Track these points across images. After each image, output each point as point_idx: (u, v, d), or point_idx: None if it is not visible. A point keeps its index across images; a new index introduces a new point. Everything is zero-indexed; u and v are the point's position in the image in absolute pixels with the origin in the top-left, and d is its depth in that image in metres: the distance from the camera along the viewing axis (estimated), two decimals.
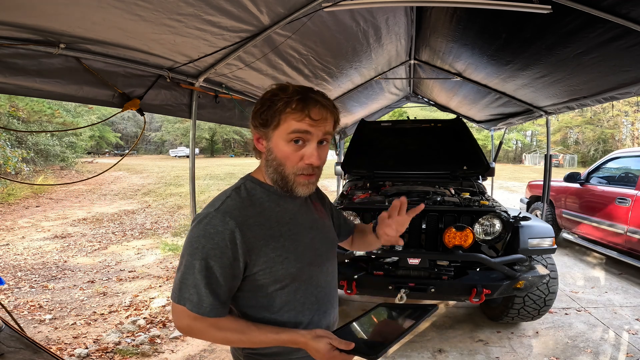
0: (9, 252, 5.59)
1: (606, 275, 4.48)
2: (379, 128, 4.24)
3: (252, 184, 0.97)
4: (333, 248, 1.08)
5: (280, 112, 0.87)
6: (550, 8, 1.83)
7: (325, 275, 1.01)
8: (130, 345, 2.88)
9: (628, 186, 4.45)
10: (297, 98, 0.87)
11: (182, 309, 0.85)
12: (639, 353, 2.74)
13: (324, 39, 2.70)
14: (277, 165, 0.91)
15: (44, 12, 1.42)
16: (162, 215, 8.65)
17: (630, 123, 26.52)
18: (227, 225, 0.84)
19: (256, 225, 0.88)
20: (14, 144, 11.37)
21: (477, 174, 3.77)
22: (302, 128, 0.87)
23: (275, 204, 0.95)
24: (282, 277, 0.90)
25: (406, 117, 5.26)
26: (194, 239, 0.85)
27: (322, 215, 1.08)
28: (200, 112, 2.66)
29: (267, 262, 0.88)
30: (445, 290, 2.55)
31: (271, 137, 0.91)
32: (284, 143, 0.89)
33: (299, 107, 0.86)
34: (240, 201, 0.91)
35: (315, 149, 0.90)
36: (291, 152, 0.89)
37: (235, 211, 0.88)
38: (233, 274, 0.86)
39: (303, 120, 0.87)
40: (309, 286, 0.95)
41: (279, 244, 0.90)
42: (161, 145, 41.60)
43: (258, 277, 0.89)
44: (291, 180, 0.92)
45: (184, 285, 0.85)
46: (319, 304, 0.97)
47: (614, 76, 2.53)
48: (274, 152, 0.91)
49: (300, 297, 0.94)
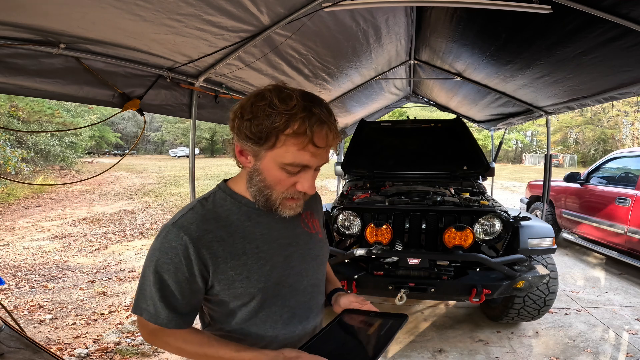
0: (9, 252, 5.59)
1: (606, 275, 4.48)
2: (379, 128, 4.24)
3: (223, 194, 0.88)
4: (317, 264, 0.97)
5: (278, 132, 0.75)
6: (550, 8, 1.83)
7: (298, 295, 0.91)
8: (130, 345, 2.88)
9: (628, 186, 4.45)
10: (301, 116, 0.74)
11: (142, 320, 0.83)
12: (639, 353, 2.74)
13: (324, 39, 2.70)
14: (263, 187, 0.83)
15: (44, 12, 1.42)
16: (162, 215, 8.65)
17: (630, 123, 26.50)
18: (180, 241, 0.79)
19: (215, 242, 0.81)
20: (14, 144, 11.38)
21: (477, 174, 3.77)
22: (303, 162, 0.77)
23: (245, 217, 0.86)
24: (241, 295, 0.84)
25: (406, 117, 5.26)
26: (151, 251, 0.82)
27: (310, 228, 0.97)
28: (200, 112, 2.66)
29: (225, 280, 0.82)
30: (445, 290, 2.55)
31: (262, 158, 0.79)
32: (277, 168, 0.79)
33: (302, 129, 0.74)
34: (202, 214, 0.83)
35: (311, 178, 0.82)
36: (284, 179, 0.80)
37: (193, 225, 0.81)
38: (191, 289, 0.81)
39: (305, 148, 0.75)
40: (273, 306, 0.88)
41: (239, 262, 0.82)
42: (161, 145, 41.60)
43: (218, 292, 0.84)
44: (277, 204, 0.84)
45: (141, 296, 0.82)
46: (284, 323, 0.90)
47: (614, 76, 2.54)
48: (263, 175, 0.81)
49: (263, 316, 0.87)
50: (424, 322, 3.27)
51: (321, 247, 1.00)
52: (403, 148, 3.97)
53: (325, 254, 1.03)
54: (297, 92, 0.77)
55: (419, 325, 3.20)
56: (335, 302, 1.00)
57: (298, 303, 0.92)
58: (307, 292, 0.94)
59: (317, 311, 0.98)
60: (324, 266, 1.02)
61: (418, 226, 2.77)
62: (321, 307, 1.00)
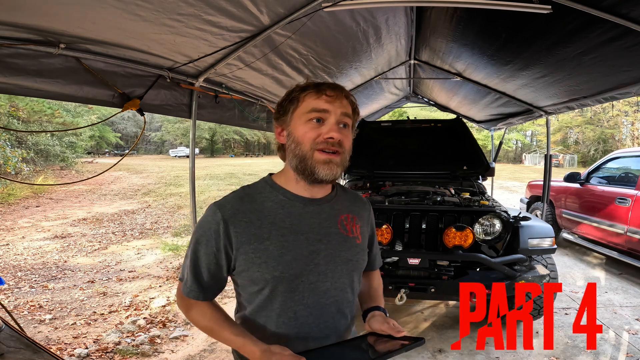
0: (9, 252, 5.59)
1: (606, 275, 4.48)
2: (379, 128, 4.24)
3: (264, 183, 0.97)
4: (348, 269, 0.94)
5: (297, 96, 0.91)
6: (550, 8, 1.83)
7: (320, 295, 0.90)
8: (130, 345, 2.88)
9: (628, 186, 4.44)
10: (314, 84, 0.92)
11: (179, 284, 0.95)
12: (639, 353, 2.74)
13: (324, 39, 2.70)
14: (295, 147, 0.90)
15: (44, 12, 1.42)
16: (162, 215, 8.65)
17: (630, 123, 26.50)
18: (215, 217, 0.88)
19: (244, 222, 0.88)
20: (14, 144, 11.37)
21: (477, 174, 3.77)
22: (320, 106, 0.89)
23: (279, 206, 0.92)
24: (257, 279, 0.88)
25: (406, 117, 5.26)
26: (197, 225, 0.93)
27: (348, 231, 0.97)
28: (200, 112, 2.66)
29: (246, 260, 0.88)
30: (445, 290, 2.55)
31: (290, 121, 0.92)
32: (302, 123, 0.90)
33: (314, 88, 0.91)
34: (240, 197, 0.93)
35: (334, 125, 0.89)
36: (309, 130, 0.89)
37: (228, 205, 0.90)
38: (217, 264, 0.89)
39: (320, 97, 0.89)
40: (289, 300, 0.88)
41: (262, 245, 0.87)
42: (161, 145, 41.60)
43: (240, 274, 0.90)
44: (309, 159, 0.88)
45: (184, 264, 0.94)
46: (298, 321, 0.89)
47: (614, 76, 2.54)
48: (293, 134, 0.91)
49: (277, 309, 0.89)
50: (424, 322, 3.26)
51: (356, 252, 0.97)
52: (403, 148, 3.97)
53: (361, 262, 0.99)
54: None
55: (419, 325, 3.19)
56: (368, 321, 0.97)
57: (317, 304, 0.90)
58: (330, 295, 0.91)
59: (338, 317, 0.94)
60: (357, 273, 0.99)
61: (418, 226, 2.77)
62: (347, 315, 0.97)
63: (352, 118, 0.94)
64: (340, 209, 0.99)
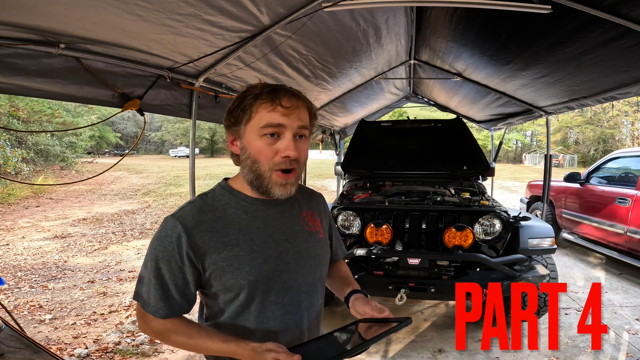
0: (9, 252, 5.59)
1: (606, 275, 4.48)
2: (379, 128, 4.25)
3: (222, 190, 0.94)
4: (315, 263, 0.97)
5: (250, 106, 0.86)
6: (550, 8, 1.83)
7: (291, 293, 0.92)
8: (131, 345, 2.88)
9: (628, 186, 4.44)
10: (267, 90, 0.86)
11: (137, 305, 0.88)
12: (639, 353, 2.74)
13: (324, 39, 2.70)
14: (251, 163, 0.87)
15: (44, 12, 1.42)
16: (162, 215, 8.65)
17: (630, 123, 26.50)
18: (175, 230, 0.84)
19: (209, 232, 0.86)
20: (14, 144, 11.38)
21: (477, 174, 3.77)
22: (275, 121, 0.84)
23: (242, 211, 0.90)
24: (232, 286, 0.86)
25: (406, 117, 5.26)
26: (152, 240, 0.88)
27: (310, 226, 0.99)
28: (200, 112, 2.66)
29: (217, 270, 0.85)
30: (445, 290, 2.55)
31: (243, 134, 0.88)
32: (256, 138, 0.86)
33: (269, 97, 0.85)
34: (200, 207, 0.89)
35: (291, 141, 0.85)
36: (265, 146, 0.85)
37: (189, 216, 0.86)
38: (183, 278, 0.85)
39: (275, 109, 0.84)
40: (265, 301, 0.89)
41: (231, 252, 0.86)
42: (161, 145, 41.58)
43: (211, 284, 0.87)
44: (267, 179, 0.87)
45: (140, 283, 0.88)
46: (276, 320, 0.91)
47: (614, 76, 2.54)
48: (248, 149, 0.87)
49: (255, 311, 0.89)
50: (424, 322, 3.27)
51: (321, 246, 1.01)
52: (403, 148, 3.97)
53: (325, 255, 1.03)
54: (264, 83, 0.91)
55: (419, 325, 3.19)
56: (352, 305, 1.00)
57: (292, 301, 0.92)
58: (302, 291, 0.94)
59: (312, 310, 0.97)
60: (324, 266, 1.02)
61: (418, 226, 2.77)
62: (318, 305, 1.00)
63: (310, 127, 0.91)
64: (300, 206, 1.00)
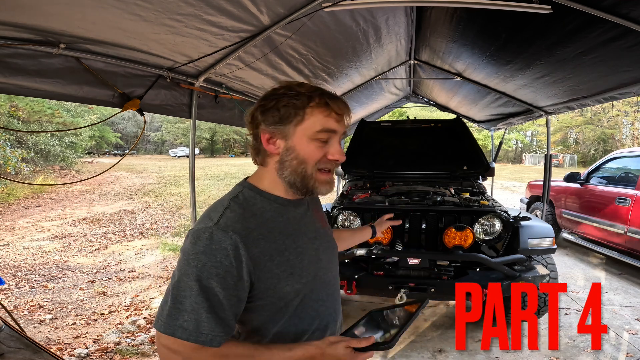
0: (9, 252, 5.59)
1: (606, 275, 4.48)
2: (379, 128, 4.24)
3: (250, 192, 0.87)
4: (335, 256, 1.02)
5: (303, 107, 0.82)
6: (550, 8, 1.83)
7: (327, 288, 0.94)
8: (130, 345, 2.88)
9: (628, 186, 4.44)
10: (320, 93, 0.84)
11: (173, 341, 0.72)
12: (639, 353, 2.74)
13: (324, 39, 2.70)
14: (297, 164, 0.84)
15: (44, 12, 1.42)
16: (162, 215, 8.65)
17: (630, 123, 26.51)
18: (230, 241, 0.75)
19: (261, 239, 0.80)
20: (14, 144, 11.37)
21: (477, 174, 3.77)
22: (331, 127, 0.84)
23: (277, 214, 0.86)
24: (287, 293, 0.83)
25: (406, 117, 5.26)
26: (191, 256, 0.75)
27: (323, 223, 1.02)
28: (200, 112, 2.66)
29: (272, 278, 0.80)
30: (445, 290, 2.55)
31: (292, 135, 0.83)
32: (308, 140, 0.83)
33: (322, 101, 0.83)
34: (241, 212, 0.81)
35: (339, 145, 0.87)
36: (315, 150, 0.84)
37: (238, 224, 0.78)
38: (238, 297, 0.77)
39: (329, 115, 0.83)
40: (310, 300, 0.88)
41: (283, 258, 0.82)
42: (161, 145, 41.57)
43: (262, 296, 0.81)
44: (312, 179, 0.85)
45: (177, 311, 0.72)
46: (320, 318, 0.91)
47: (614, 76, 2.54)
48: (296, 151, 0.83)
49: (302, 313, 0.87)
50: (424, 322, 3.26)
51: (333, 239, 1.05)
52: (403, 148, 3.97)
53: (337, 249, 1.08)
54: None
55: (419, 325, 3.19)
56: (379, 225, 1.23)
57: (327, 295, 0.94)
58: (332, 284, 0.97)
59: (339, 302, 1.01)
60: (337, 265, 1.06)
61: (418, 226, 2.77)
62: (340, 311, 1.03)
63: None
64: (311, 203, 1.01)
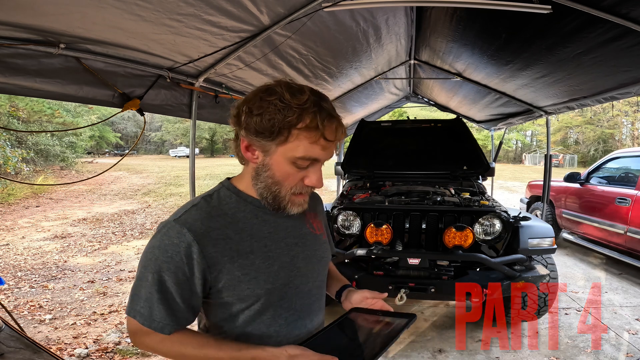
0: (9, 252, 5.59)
1: (606, 275, 4.48)
2: (379, 128, 4.25)
3: (228, 191, 0.86)
4: (322, 266, 0.95)
5: (289, 126, 0.75)
6: (550, 8, 1.83)
7: (303, 298, 0.89)
8: (130, 345, 2.88)
9: (628, 186, 4.44)
10: (313, 111, 0.75)
11: (134, 323, 0.78)
12: (639, 353, 2.74)
13: (324, 39, 2.70)
14: (271, 183, 0.81)
15: (44, 12, 1.42)
16: (162, 215, 8.65)
17: (630, 123, 26.52)
18: (183, 238, 0.75)
19: (221, 239, 0.79)
20: (14, 144, 11.37)
21: (477, 174, 3.77)
22: (314, 156, 0.78)
23: (252, 215, 0.84)
24: (247, 296, 0.80)
25: (406, 117, 5.26)
26: (149, 249, 0.78)
27: (315, 229, 0.96)
28: (200, 112, 2.66)
29: (231, 280, 0.79)
30: (445, 290, 2.55)
31: (272, 153, 0.78)
32: (286, 162, 0.78)
33: (314, 123, 0.75)
34: (207, 211, 0.81)
35: (319, 172, 0.81)
36: (293, 173, 0.80)
37: (197, 222, 0.78)
38: (191, 290, 0.78)
39: (317, 141, 0.76)
40: (279, 308, 0.85)
41: (247, 261, 0.80)
42: (161, 145, 41.57)
43: (221, 294, 0.80)
44: (285, 200, 0.82)
45: (136, 297, 0.78)
46: (288, 325, 0.87)
47: (614, 76, 2.54)
48: (272, 170, 0.80)
49: (268, 319, 0.84)
50: (424, 322, 3.27)
51: (325, 248, 0.99)
52: (403, 148, 3.97)
53: (329, 256, 1.01)
54: (306, 87, 0.78)
55: (419, 325, 3.19)
56: (345, 298, 0.98)
57: (303, 305, 0.89)
58: (312, 295, 0.92)
59: (319, 313, 0.96)
60: (327, 268, 1.01)
61: (418, 226, 2.77)
62: (323, 308, 0.99)
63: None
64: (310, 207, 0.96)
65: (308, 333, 0.91)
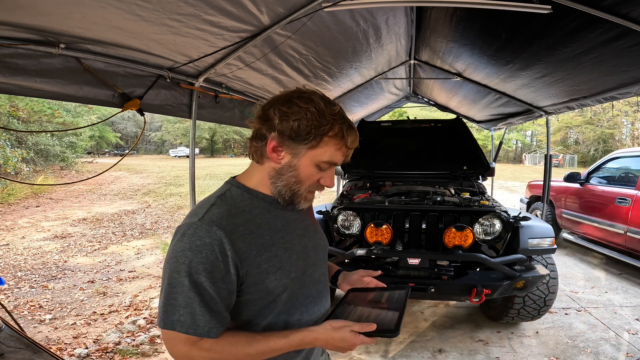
0: (9, 252, 5.59)
1: (606, 275, 4.48)
2: (379, 128, 4.25)
3: (238, 190, 0.89)
4: (324, 254, 1.03)
5: (321, 135, 0.83)
6: (550, 8, 1.83)
7: (316, 285, 0.95)
8: (130, 345, 2.88)
9: (628, 186, 4.44)
10: (341, 121, 0.84)
11: (174, 335, 0.76)
12: (639, 353, 2.74)
13: (324, 39, 2.70)
14: (293, 182, 0.87)
15: (44, 12, 1.42)
16: (162, 215, 8.65)
17: (630, 123, 26.53)
18: (214, 236, 0.76)
19: (247, 234, 0.81)
20: (14, 144, 11.37)
21: (477, 174, 3.77)
22: (336, 161, 0.87)
23: (265, 210, 0.88)
24: (274, 288, 0.84)
25: (406, 117, 5.26)
26: (179, 253, 0.76)
27: (313, 220, 1.04)
28: (200, 112, 2.66)
29: (260, 273, 0.82)
30: (445, 290, 2.55)
31: (302, 156, 0.85)
32: (312, 165, 0.86)
33: (341, 133, 0.84)
34: (227, 208, 0.83)
35: (333, 174, 0.93)
36: (314, 174, 0.87)
37: (223, 220, 0.79)
38: (227, 289, 0.79)
39: (341, 149, 0.86)
40: (300, 296, 0.90)
41: (271, 253, 0.84)
42: (161, 145, 41.57)
43: (250, 289, 0.83)
44: (301, 197, 0.89)
45: (171, 307, 0.75)
46: (309, 314, 0.92)
47: (614, 76, 2.53)
48: (298, 170, 0.86)
49: (292, 308, 0.88)
50: (424, 322, 3.27)
51: (324, 237, 1.06)
52: (403, 148, 3.97)
53: (327, 244, 1.09)
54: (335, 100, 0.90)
55: (419, 325, 3.19)
56: (342, 281, 1.08)
57: (317, 292, 0.95)
58: (321, 281, 0.98)
59: (328, 297, 1.03)
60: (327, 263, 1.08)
61: (418, 226, 2.77)
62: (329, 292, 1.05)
63: None
64: None
65: (322, 317, 0.96)
